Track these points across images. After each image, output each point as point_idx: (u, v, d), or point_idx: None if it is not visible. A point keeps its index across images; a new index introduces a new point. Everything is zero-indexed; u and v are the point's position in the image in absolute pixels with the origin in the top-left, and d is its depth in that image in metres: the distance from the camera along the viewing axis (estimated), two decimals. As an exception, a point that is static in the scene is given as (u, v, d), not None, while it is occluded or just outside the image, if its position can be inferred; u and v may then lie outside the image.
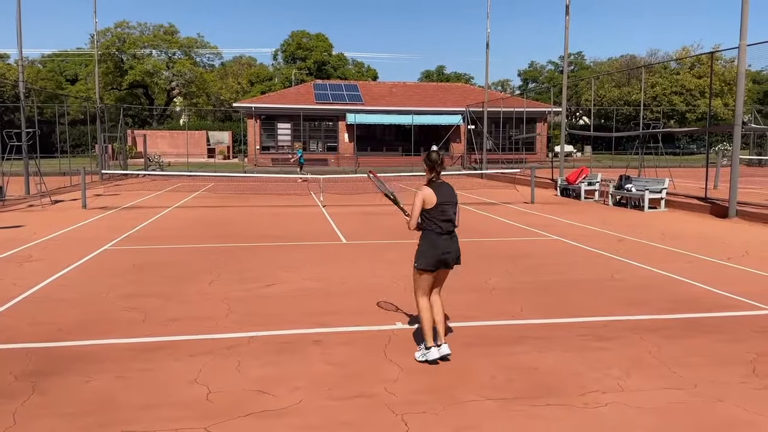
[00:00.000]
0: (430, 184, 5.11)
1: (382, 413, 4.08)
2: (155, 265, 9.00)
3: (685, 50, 57.74)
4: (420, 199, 5.05)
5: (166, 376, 4.71)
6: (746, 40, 14.19)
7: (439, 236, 5.05)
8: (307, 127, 41.32)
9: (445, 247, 5.05)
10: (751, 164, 36.62)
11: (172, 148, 46.50)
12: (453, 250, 5.10)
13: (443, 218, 5.04)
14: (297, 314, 6.42)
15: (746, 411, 4.12)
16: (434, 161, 5.14)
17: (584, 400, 4.28)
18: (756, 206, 14.69)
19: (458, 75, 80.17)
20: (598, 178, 20.01)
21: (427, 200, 5.03)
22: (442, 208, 5.03)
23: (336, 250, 10.40)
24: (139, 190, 22.47)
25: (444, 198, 5.04)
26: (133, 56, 58.66)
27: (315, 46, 66.48)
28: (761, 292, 7.33)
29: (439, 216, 5.03)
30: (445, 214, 5.04)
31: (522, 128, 37.33)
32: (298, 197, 20.19)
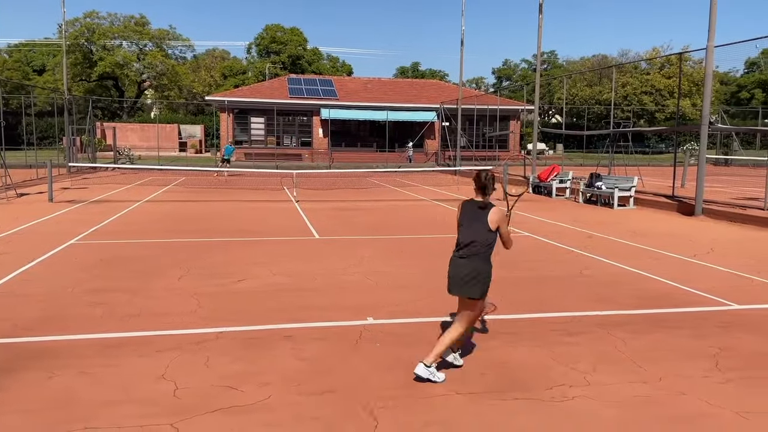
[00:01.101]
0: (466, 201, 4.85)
1: (352, 408, 4.07)
2: (123, 259, 8.84)
3: (655, 51, 58.79)
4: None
5: (131, 372, 4.62)
6: (714, 41, 14.48)
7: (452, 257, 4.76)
8: (281, 121, 41.03)
9: (450, 270, 4.73)
10: (718, 164, 37.45)
11: (142, 142, 45.78)
12: (454, 275, 4.68)
13: (458, 239, 4.76)
14: (268, 310, 6.36)
15: (709, 404, 4.21)
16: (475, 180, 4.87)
17: (551, 394, 4.33)
18: (721, 204, 15.03)
19: (433, 72, 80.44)
20: (569, 176, 20.26)
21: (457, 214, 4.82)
22: (460, 228, 4.77)
23: (308, 246, 10.34)
24: (107, 184, 22.06)
25: (463, 218, 4.77)
26: (103, 47, 57.55)
27: (289, 40, 66.03)
28: (725, 288, 7.50)
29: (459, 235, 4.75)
30: (461, 235, 4.75)
31: (495, 126, 37.61)
32: (271, 192, 20.04)
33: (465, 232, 4.70)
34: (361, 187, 22.97)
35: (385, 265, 8.74)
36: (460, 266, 4.64)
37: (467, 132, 38.46)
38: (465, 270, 4.61)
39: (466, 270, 4.61)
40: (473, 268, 4.60)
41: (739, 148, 40.74)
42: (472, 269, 4.60)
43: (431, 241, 10.89)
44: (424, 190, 21.88)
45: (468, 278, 4.59)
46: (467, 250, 4.65)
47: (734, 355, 5.19)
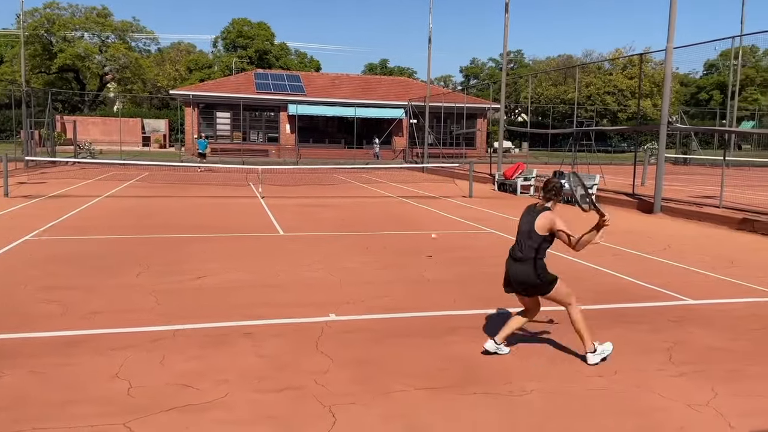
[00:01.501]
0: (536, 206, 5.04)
1: (311, 405, 4.04)
2: (80, 256, 8.63)
3: (618, 52, 59.91)
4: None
5: (85, 371, 4.51)
6: (673, 42, 14.82)
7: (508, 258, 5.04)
8: (248, 116, 40.59)
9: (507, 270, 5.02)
10: (677, 163, 38.40)
11: (104, 136, 44.72)
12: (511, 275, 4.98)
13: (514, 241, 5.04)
14: (228, 307, 6.28)
15: (662, 397, 4.31)
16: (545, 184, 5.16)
17: (510, 388, 4.37)
18: (679, 202, 15.42)
19: (402, 69, 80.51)
20: (533, 174, 20.53)
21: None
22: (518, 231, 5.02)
23: (273, 242, 10.25)
24: (67, 179, 21.50)
25: (520, 222, 5.05)
26: (63, 39, 55.95)
27: (256, 34, 65.24)
28: (680, 284, 7.69)
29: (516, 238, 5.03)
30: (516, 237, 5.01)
31: (463, 123, 37.91)
32: (236, 188, 19.81)
33: (517, 234, 5.00)
34: (328, 183, 22.88)
35: (349, 261, 8.72)
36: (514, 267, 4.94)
37: (435, 129, 38.65)
38: (518, 272, 4.89)
39: (519, 272, 4.89)
40: (523, 271, 4.87)
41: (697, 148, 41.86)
42: (522, 272, 4.87)
43: (397, 238, 10.90)
44: (391, 187, 21.90)
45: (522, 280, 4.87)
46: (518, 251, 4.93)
47: (687, 349, 5.32)
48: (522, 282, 4.88)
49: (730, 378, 4.68)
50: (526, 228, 4.89)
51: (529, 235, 4.85)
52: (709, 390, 4.43)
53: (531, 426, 3.83)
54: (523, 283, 4.87)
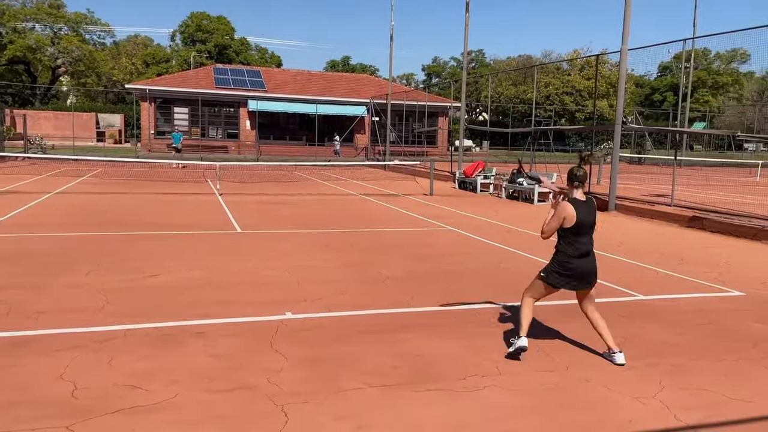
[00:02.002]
0: (572, 202, 4.89)
1: (263, 404, 3.99)
2: (27, 254, 8.33)
3: (575, 53, 61.08)
4: (560, 217, 4.86)
5: (29, 373, 4.35)
6: (627, 44, 15.18)
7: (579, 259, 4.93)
8: (207, 112, 39.90)
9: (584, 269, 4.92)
10: (632, 162, 39.41)
11: (57, 131, 43.32)
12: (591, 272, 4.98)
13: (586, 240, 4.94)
14: (181, 306, 6.15)
15: (610, 390, 4.40)
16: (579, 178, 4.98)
17: (464, 384, 4.40)
18: (633, 201, 15.81)
19: (364, 66, 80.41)
20: (493, 172, 20.76)
21: (568, 218, 4.84)
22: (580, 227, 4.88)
23: (230, 240, 10.09)
24: (16, 174, 20.76)
25: (585, 218, 4.89)
26: (14, 30, 54.00)
27: (216, 28, 64.24)
28: (631, 280, 7.87)
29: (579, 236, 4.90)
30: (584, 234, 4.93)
31: (424, 122, 38.07)
32: (194, 185, 19.45)
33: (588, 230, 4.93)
34: (288, 180, 22.68)
35: (308, 259, 8.65)
36: (592, 262, 4.99)
37: (397, 127, 38.74)
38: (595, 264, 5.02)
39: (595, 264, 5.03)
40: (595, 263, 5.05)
41: (651, 148, 43.05)
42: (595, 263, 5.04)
43: (357, 236, 10.87)
44: (352, 184, 21.84)
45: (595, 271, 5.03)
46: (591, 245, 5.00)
47: (637, 343, 5.45)
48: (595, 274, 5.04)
49: (676, 371, 4.80)
50: (592, 220, 4.96)
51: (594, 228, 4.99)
52: (656, 383, 4.54)
53: (484, 421, 3.86)
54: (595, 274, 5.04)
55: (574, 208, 4.82)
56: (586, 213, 4.88)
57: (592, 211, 4.96)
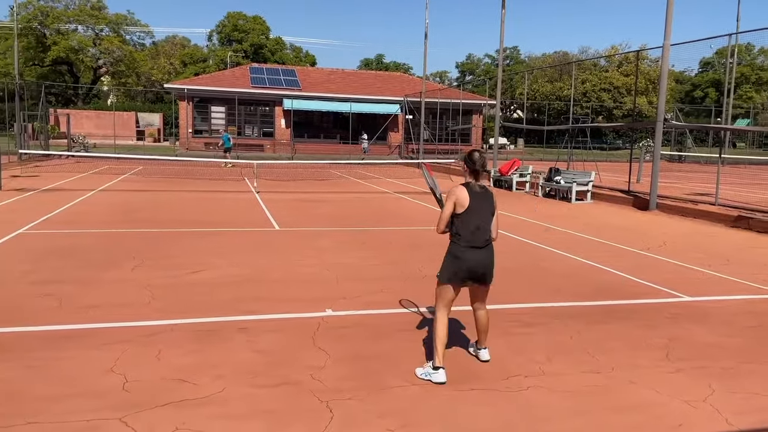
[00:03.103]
0: (465, 185, 4.45)
1: (308, 400, 4.03)
2: (74, 250, 8.57)
3: (614, 49, 59.96)
4: (451, 201, 4.41)
5: (80, 366, 4.47)
6: (670, 40, 14.82)
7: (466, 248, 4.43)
8: (243, 111, 40.40)
9: (470, 260, 4.43)
10: (672, 160, 38.50)
11: (98, 129, 44.46)
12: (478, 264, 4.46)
13: (476, 228, 4.41)
14: (223, 301, 6.25)
15: (658, 393, 4.31)
16: (475, 162, 4.46)
17: (507, 384, 4.36)
18: (675, 200, 15.45)
19: (397, 64, 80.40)
20: (529, 170, 20.53)
21: (459, 202, 4.39)
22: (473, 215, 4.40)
23: (268, 237, 10.21)
24: (60, 172, 21.38)
25: (475, 204, 4.40)
26: (57, 31, 55.58)
27: (252, 28, 64.99)
28: (675, 280, 7.70)
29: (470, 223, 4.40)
30: (471, 222, 4.41)
31: (458, 120, 37.84)
32: (232, 183, 19.73)
33: (475, 217, 4.39)
34: (323, 178, 22.83)
35: (345, 256, 8.69)
36: (487, 254, 4.48)
37: (430, 125, 38.60)
38: (489, 257, 4.50)
39: (490, 257, 4.51)
40: (492, 254, 4.53)
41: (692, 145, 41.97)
42: (491, 255, 4.52)
43: (394, 233, 10.88)
44: (386, 182, 21.87)
45: (491, 265, 4.54)
46: (482, 236, 4.43)
47: (684, 345, 5.33)
48: (492, 264, 4.55)
49: (726, 375, 4.68)
50: (487, 209, 4.45)
51: (489, 215, 4.47)
52: (706, 386, 4.43)
53: (528, 422, 3.82)
54: (492, 264, 4.56)
55: (467, 192, 4.39)
56: (480, 199, 4.42)
57: (488, 199, 4.46)
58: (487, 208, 4.46)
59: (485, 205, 4.45)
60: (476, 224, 4.40)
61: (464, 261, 4.43)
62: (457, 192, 4.40)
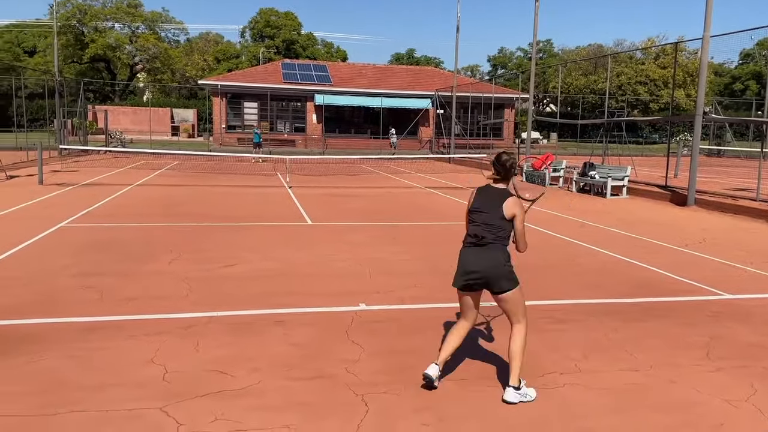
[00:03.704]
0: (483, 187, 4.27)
1: (343, 394, 4.06)
2: (114, 243, 8.77)
3: (650, 41, 58.64)
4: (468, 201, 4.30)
5: (121, 356, 4.59)
6: (710, 31, 14.44)
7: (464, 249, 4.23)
8: (275, 106, 40.76)
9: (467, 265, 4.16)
10: (711, 154, 37.58)
11: (134, 125, 45.37)
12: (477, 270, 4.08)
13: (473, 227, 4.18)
14: (258, 295, 6.33)
15: (699, 392, 4.22)
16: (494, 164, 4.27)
17: (542, 381, 4.32)
18: (714, 195, 15.08)
19: (428, 59, 79.99)
20: (562, 165, 20.26)
21: (469, 201, 4.27)
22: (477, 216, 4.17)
23: (301, 232, 10.29)
24: (99, 167, 21.89)
25: (479, 204, 4.18)
26: (95, 29, 56.79)
27: (284, 24, 65.39)
28: (715, 278, 7.52)
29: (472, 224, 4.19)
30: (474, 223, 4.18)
31: (490, 114, 37.55)
32: (264, 177, 19.94)
33: (478, 218, 4.14)
34: (355, 173, 22.89)
35: (378, 251, 8.71)
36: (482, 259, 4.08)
37: (462, 120, 38.37)
38: (488, 258, 4.05)
39: (490, 259, 4.05)
40: (494, 256, 4.05)
41: (731, 139, 40.86)
42: (492, 257, 4.06)
43: (426, 228, 10.86)
44: (417, 177, 21.83)
45: (492, 269, 4.05)
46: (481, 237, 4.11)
47: (724, 344, 5.21)
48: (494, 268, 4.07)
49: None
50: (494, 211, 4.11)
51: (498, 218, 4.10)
52: (748, 386, 4.33)
53: (564, 419, 3.79)
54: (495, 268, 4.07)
55: (476, 193, 4.23)
56: (484, 199, 4.16)
57: (496, 201, 4.11)
58: (495, 211, 4.09)
59: (493, 207, 4.10)
60: (478, 225, 4.13)
61: (462, 263, 4.18)
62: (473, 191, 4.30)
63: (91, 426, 3.53)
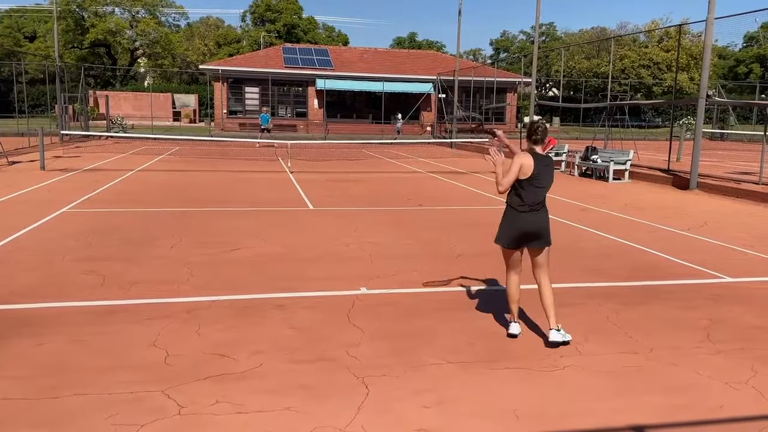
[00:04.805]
0: (532, 153, 4.64)
1: (344, 376, 4.08)
2: (115, 228, 8.79)
3: (654, 23, 58.16)
4: (517, 165, 4.56)
5: (123, 340, 4.61)
6: (714, 13, 14.30)
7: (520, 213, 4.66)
8: (276, 91, 40.56)
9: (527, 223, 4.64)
10: (714, 138, 37.39)
11: (135, 111, 45.22)
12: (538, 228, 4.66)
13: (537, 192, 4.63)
14: (260, 279, 6.35)
15: (699, 374, 4.24)
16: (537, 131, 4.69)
17: (543, 364, 4.34)
18: (716, 179, 15.03)
19: (430, 42, 79.48)
20: (565, 149, 20.18)
21: (523, 170, 4.56)
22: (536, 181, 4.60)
23: (302, 216, 10.30)
24: (100, 153, 21.86)
25: (538, 170, 4.57)
26: (95, 14, 56.43)
27: (284, 8, 64.90)
28: (717, 261, 7.52)
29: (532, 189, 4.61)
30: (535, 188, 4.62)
31: (492, 98, 37.33)
32: (265, 163, 19.91)
33: (538, 182, 4.60)
34: (356, 158, 22.84)
35: (380, 235, 8.72)
36: (541, 218, 4.67)
37: (464, 104, 38.20)
38: (545, 221, 4.70)
39: (546, 221, 4.70)
40: (547, 216, 4.73)
41: (735, 123, 40.65)
42: (547, 217, 4.72)
43: (427, 213, 10.86)
44: (419, 162, 21.78)
45: (547, 226, 4.71)
46: (542, 201, 4.69)
47: (725, 327, 5.22)
48: (548, 227, 4.74)
49: (770, 357, 4.57)
50: (549, 175, 4.69)
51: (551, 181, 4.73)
52: (748, 369, 4.34)
53: (566, 401, 3.81)
54: (548, 227, 4.74)
55: (533, 160, 4.58)
56: (543, 165, 4.62)
57: (550, 166, 4.70)
58: (549, 174, 4.67)
59: (548, 171, 4.66)
60: (537, 189, 4.62)
61: (521, 223, 4.63)
62: (522, 159, 4.58)
63: (94, 408, 3.56)
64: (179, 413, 3.52)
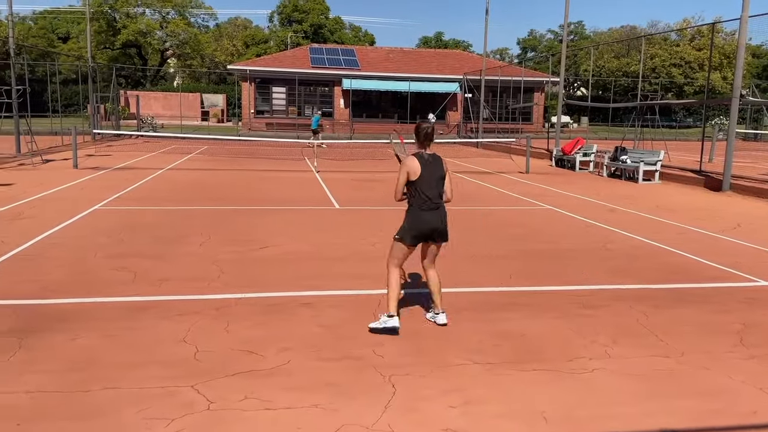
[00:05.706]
0: (417, 155, 4.97)
1: (370, 375, 4.09)
2: (146, 225, 8.94)
3: (685, 22, 57.11)
4: (404, 172, 4.94)
5: (153, 336, 4.69)
6: (748, 11, 13.98)
7: (421, 212, 4.97)
8: (303, 91, 40.81)
9: (426, 222, 4.98)
10: (747, 138, 36.55)
11: (165, 110, 45.95)
12: (436, 226, 5.01)
13: (427, 191, 4.94)
14: (288, 277, 6.40)
15: (731, 379, 4.15)
16: (417, 133, 5.04)
17: (571, 366, 4.30)
18: (750, 180, 14.69)
19: (457, 42, 79.13)
20: (593, 149, 19.93)
21: (411, 171, 4.91)
22: (425, 181, 4.92)
23: (329, 216, 10.35)
24: (131, 152, 22.25)
25: (425, 171, 4.91)
26: (126, 15, 57.49)
27: (311, 8, 65.29)
28: (750, 264, 7.35)
29: (424, 189, 4.93)
30: (428, 187, 4.95)
31: (519, 98, 37.04)
32: (292, 162, 20.06)
33: (431, 182, 4.94)
34: (382, 158, 22.87)
35: (405, 235, 8.70)
36: (439, 216, 5.01)
37: (490, 104, 37.97)
38: (443, 219, 5.06)
39: (444, 218, 5.06)
40: (444, 215, 5.08)
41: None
42: (444, 215, 5.07)
43: (453, 213, 10.76)
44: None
45: (444, 225, 5.07)
46: (437, 200, 5.01)
47: (759, 331, 5.10)
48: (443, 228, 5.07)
49: (806, 363, 4.46)
50: (439, 174, 4.99)
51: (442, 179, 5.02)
52: (783, 374, 4.24)
53: (595, 404, 3.76)
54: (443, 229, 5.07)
55: (418, 162, 4.89)
56: (429, 164, 4.94)
57: (438, 165, 4.99)
58: (438, 173, 4.97)
59: (436, 171, 4.96)
60: (429, 189, 4.92)
61: (421, 223, 4.95)
62: (408, 163, 4.92)
63: (125, 403, 3.62)
64: (208, 408, 3.57)
